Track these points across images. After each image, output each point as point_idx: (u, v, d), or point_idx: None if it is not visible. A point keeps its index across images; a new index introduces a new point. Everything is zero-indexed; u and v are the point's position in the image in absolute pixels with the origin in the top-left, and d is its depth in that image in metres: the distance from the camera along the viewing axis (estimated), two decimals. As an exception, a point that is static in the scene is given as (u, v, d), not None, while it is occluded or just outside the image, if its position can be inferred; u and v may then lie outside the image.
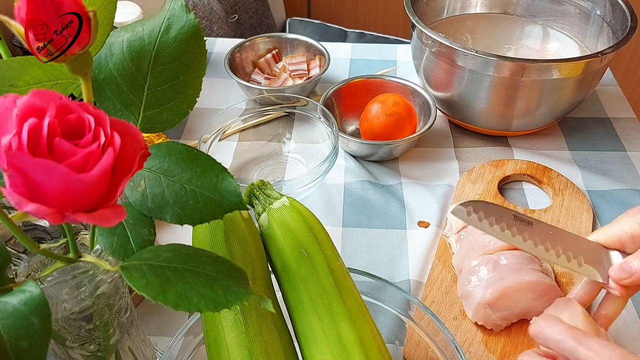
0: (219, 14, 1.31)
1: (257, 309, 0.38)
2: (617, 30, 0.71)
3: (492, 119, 0.73)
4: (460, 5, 0.86)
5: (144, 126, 0.33)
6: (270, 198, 0.44)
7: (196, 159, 0.32)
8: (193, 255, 0.29)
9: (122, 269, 0.28)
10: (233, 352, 0.36)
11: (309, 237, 0.41)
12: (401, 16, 1.78)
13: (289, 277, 0.40)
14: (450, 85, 0.72)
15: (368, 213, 0.66)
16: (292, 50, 0.89)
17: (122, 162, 0.24)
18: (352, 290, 0.40)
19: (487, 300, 0.51)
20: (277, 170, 0.72)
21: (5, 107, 0.22)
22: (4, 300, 0.25)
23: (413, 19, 0.71)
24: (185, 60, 0.33)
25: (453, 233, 0.61)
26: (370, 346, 0.37)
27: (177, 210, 0.31)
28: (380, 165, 0.72)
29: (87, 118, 0.23)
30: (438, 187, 0.69)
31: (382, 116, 0.70)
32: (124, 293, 0.39)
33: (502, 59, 0.65)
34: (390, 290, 0.46)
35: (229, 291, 0.28)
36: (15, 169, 0.21)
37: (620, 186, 0.69)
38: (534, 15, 0.84)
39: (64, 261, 0.30)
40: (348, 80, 0.77)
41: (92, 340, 0.37)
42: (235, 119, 0.73)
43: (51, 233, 0.38)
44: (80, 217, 0.23)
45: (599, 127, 0.79)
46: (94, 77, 0.32)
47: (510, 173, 0.70)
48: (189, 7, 0.33)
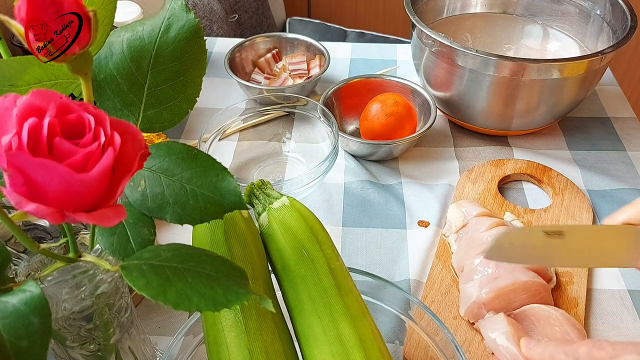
0: (219, 14, 1.31)
1: (257, 309, 0.38)
2: (617, 29, 0.71)
3: (492, 118, 0.73)
4: (460, 4, 0.86)
5: (144, 126, 0.33)
6: (270, 198, 0.44)
7: (196, 159, 0.32)
8: (193, 254, 0.29)
9: (122, 269, 0.28)
10: (233, 351, 0.36)
11: (309, 236, 0.41)
12: (401, 16, 1.78)
13: (289, 276, 0.40)
14: (450, 84, 0.72)
15: (368, 213, 0.66)
16: (292, 49, 0.89)
17: (122, 162, 0.24)
18: (352, 289, 0.40)
19: (483, 300, 0.51)
20: (277, 170, 0.72)
21: (5, 107, 0.22)
22: (4, 300, 0.25)
23: (413, 18, 0.71)
24: (185, 59, 0.33)
25: (452, 232, 0.61)
26: (370, 346, 0.37)
27: (177, 210, 0.31)
28: (380, 165, 0.72)
29: (87, 118, 0.23)
30: (438, 187, 0.69)
31: (382, 116, 0.70)
32: (124, 293, 0.39)
33: (502, 58, 0.65)
34: (390, 290, 0.46)
35: (229, 291, 0.28)
36: (15, 168, 0.21)
37: (620, 186, 0.69)
38: (534, 15, 0.84)
39: (64, 261, 0.30)
40: (348, 80, 0.77)
41: (92, 340, 0.37)
42: (235, 118, 0.73)
43: (51, 233, 0.38)
44: (80, 216, 0.23)
45: (599, 127, 0.79)
46: (94, 77, 0.32)
47: (510, 172, 0.70)
48: (188, 7, 0.33)
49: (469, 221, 0.60)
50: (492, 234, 0.55)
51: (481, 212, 0.59)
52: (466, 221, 0.60)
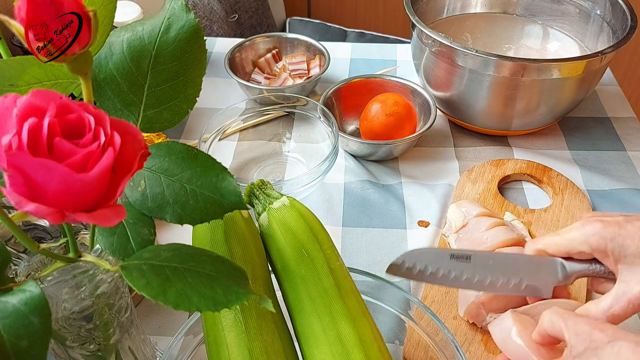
0: (219, 14, 1.31)
1: (257, 309, 0.38)
2: (617, 29, 0.71)
3: (492, 118, 0.73)
4: (460, 4, 0.86)
5: (144, 126, 0.33)
6: (270, 198, 0.44)
7: (196, 159, 0.32)
8: (193, 254, 0.29)
9: (122, 269, 0.28)
10: (233, 351, 0.36)
11: (309, 236, 0.41)
12: (401, 16, 1.78)
13: (289, 276, 0.40)
14: (450, 84, 0.72)
15: (368, 213, 0.66)
16: (292, 49, 0.89)
17: (122, 162, 0.24)
18: (352, 289, 0.40)
19: (482, 300, 0.51)
20: (277, 170, 0.72)
21: (5, 107, 0.22)
22: (4, 300, 0.25)
23: (413, 18, 0.71)
24: (185, 59, 0.33)
25: (452, 232, 0.61)
26: (370, 346, 0.37)
27: (177, 210, 0.31)
28: (380, 165, 0.72)
29: (87, 118, 0.23)
30: (438, 187, 0.69)
31: (382, 116, 0.70)
32: (124, 293, 0.39)
33: (502, 58, 0.65)
34: (390, 290, 0.46)
35: (229, 291, 0.28)
36: (15, 168, 0.21)
37: (620, 186, 0.69)
38: (534, 15, 0.84)
39: (64, 261, 0.30)
40: (348, 80, 0.77)
41: (92, 340, 0.37)
42: (235, 118, 0.73)
43: (51, 233, 0.38)
44: (80, 216, 0.23)
45: (599, 127, 0.79)
46: (94, 77, 0.32)
47: (510, 172, 0.70)
48: (188, 7, 0.33)
49: (469, 221, 0.59)
50: (492, 235, 0.55)
51: (481, 212, 0.59)
52: (466, 221, 0.60)
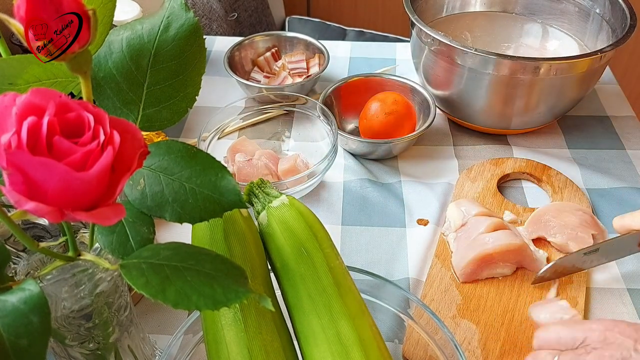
0: (218, 13, 1.31)
1: (256, 308, 0.38)
2: (617, 28, 0.71)
3: (491, 117, 0.73)
4: (460, 3, 0.86)
5: (144, 124, 0.33)
6: (270, 196, 0.44)
7: (195, 157, 0.32)
8: (192, 253, 0.29)
9: (121, 268, 0.28)
10: (232, 350, 0.36)
11: (308, 235, 0.41)
12: (400, 14, 1.78)
13: (288, 275, 0.40)
14: (449, 83, 0.72)
15: (367, 211, 0.66)
16: (291, 48, 0.89)
17: (122, 161, 0.24)
18: (352, 288, 0.40)
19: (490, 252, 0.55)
20: (277, 169, 0.72)
21: (4, 106, 0.22)
22: (3, 299, 0.25)
23: (412, 17, 0.71)
24: (185, 58, 0.33)
25: (451, 231, 0.61)
26: (369, 345, 0.37)
27: (176, 209, 0.31)
28: (380, 164, 0.72)
29: (86, 116, 0.23)
30: (437, 185, 0.69)
31: (381, 114, 0.70)
32: (124, 291, 0.39)
33: (501, 57, 0.65)
34: (390, 289, 0.46)
35: (228, 289, 0.28)
36: (14, 167, 0.21)
37: (619, 184, 0.69)
38: (534, 14, 0.84)
39: (63, 259, 0.30)
40: (347, 79, 0.77)
41: (91, 339, 0.37)
42: (235, 117, 0.73)
43: (51, 231, 0.38)
44: (79, 215, 0.23)
45: (598, 126, 0.79)
46: (94, 76, 0.32)
47: (510, 171, 0.70)
48: (188, 6, 0.33)
49: (468, 220, 0.60)
50: (494, 237, 0.56)
51: (480, 212, 0.60)
52: (465, 220, 0.60)
